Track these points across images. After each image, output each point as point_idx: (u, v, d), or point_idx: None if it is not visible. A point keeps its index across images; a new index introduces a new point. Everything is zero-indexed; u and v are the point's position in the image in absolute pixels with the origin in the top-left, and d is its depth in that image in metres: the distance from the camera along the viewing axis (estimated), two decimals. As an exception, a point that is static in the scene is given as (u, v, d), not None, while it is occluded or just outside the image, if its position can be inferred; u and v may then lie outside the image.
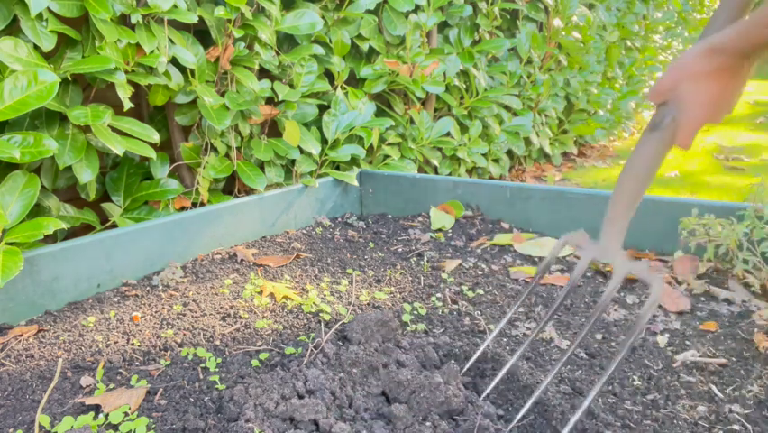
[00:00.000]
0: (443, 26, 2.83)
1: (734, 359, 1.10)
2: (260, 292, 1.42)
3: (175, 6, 1.62)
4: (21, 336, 1.22)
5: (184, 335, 1.21)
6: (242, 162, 1.91)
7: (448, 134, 2.65)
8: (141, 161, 1.83)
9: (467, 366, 1.05)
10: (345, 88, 2.26)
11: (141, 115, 1.90)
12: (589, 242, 0.94)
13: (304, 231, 1.96)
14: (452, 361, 1.06)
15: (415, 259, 1.68)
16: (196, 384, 1.03)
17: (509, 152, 3.27)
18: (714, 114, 0.86)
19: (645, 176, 0.89)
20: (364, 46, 2.33)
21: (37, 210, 1.56)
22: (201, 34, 1.86)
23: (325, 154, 2.15)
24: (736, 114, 6.27)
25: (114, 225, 1.67)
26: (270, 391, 0.95)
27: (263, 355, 1.12)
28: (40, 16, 1.41)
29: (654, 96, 0.90)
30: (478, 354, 1.05)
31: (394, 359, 1.06)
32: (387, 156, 2.41)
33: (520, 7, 3.09)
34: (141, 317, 1.29)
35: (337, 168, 2.20)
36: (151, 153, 1.57)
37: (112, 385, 1.03)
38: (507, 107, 3.12)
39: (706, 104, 0.85)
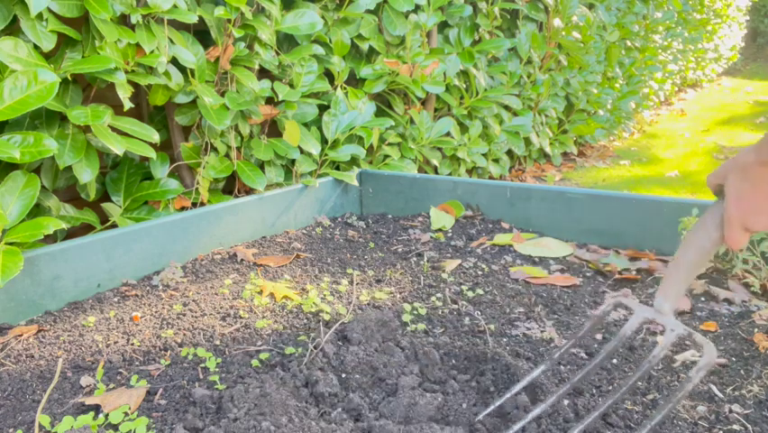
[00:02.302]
0: (443, 26, 2.83)
1: (734, 359, 1.10)
2: (260, 292, 1.42)
3: (175, 6, 1.62)
4: (21, 336, 1.22)
5: (184, 335, 1.21)
6: (242, 162, 1.91)
7: (448, 134, 2.65)
8: (141, 161, 1.83)
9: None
10: (345, 88, 2.26)
11: (141, 115, 1.90)
12: (638, 305, 0.92)
13: (304, 231, 1.96)
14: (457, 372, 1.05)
15: (415, 259, 1.68)
16: (196, 384, 1.03)
17: (509, 152, 3.27)
18: (746, 213, 0.80)
19: (708, 250, 0.86)
20: (364, 46, 2.33)
21: (37, 210, 1.56)
22: (201, 34, 1.86)
23: (325, 154, 2.15)
24: (736, 113, 6.27)
25: (114, 225, 1.67)
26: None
27: (263, 355, 1.12)
28: (40, 16, 1.41)
29: (709, 180, 0.87)
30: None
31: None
32: (387, 156, 2.41)
33: (520, 7, 3.09)
34: (141, 317, 1.29)
35: (337, 168, 2.20)
36: (151, 153, 1.57)
37: (112, 385, 1.03)
38: (507, 107, 3.12)
39: (739, 199, 0.80)
